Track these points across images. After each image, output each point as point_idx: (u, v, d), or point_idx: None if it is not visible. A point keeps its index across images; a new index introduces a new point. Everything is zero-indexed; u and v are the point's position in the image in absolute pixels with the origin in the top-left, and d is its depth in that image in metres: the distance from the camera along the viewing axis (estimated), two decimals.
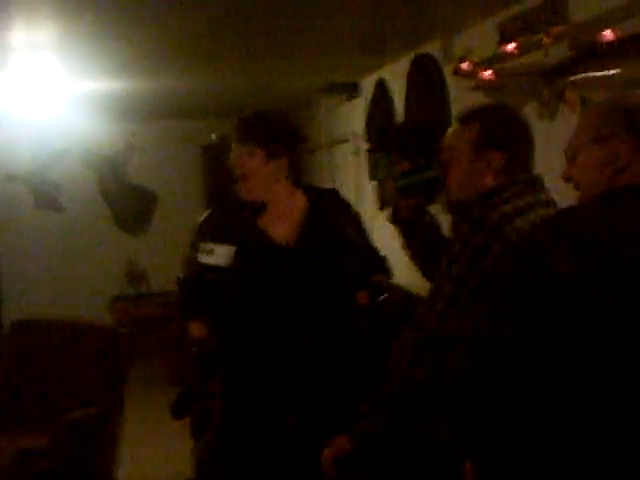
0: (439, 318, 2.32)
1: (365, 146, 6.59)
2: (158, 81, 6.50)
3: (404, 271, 3.33)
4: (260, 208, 3.19)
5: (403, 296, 3.41)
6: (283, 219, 3.18)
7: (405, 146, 5.16)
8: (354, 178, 7.09)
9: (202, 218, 3.30)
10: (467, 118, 2.52)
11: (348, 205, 3.37)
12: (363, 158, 6.73)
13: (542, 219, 2.11)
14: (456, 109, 4.79)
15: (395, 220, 2.91)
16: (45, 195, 9.05)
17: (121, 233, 9.37)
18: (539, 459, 1.72)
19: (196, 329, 3.23)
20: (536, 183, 2.44)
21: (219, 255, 3.12)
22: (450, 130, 2.54)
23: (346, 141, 7.25)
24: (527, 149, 2.48)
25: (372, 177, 6.51)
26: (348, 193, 7.31)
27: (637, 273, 1.67)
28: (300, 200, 3.22)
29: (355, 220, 3.32)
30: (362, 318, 3.22)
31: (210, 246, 3.16)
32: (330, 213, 3.23)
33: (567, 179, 1.99)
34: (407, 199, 2.84)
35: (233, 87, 7.21)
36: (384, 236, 6.27)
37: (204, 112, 8.83)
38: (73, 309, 8.08)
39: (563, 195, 2.22)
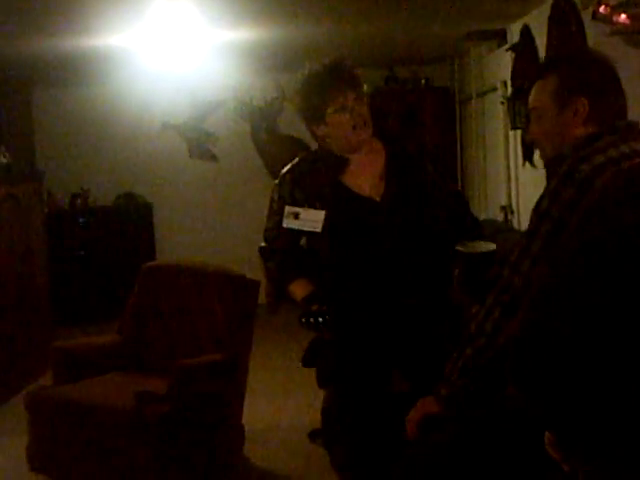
0: (524, 280, 2.17)
1: (507, 94, 6.35)
2: (302, 30, 6.42)
3: None
4: (341, 162, 3.04)
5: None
6: (366, 173, 3.03)
7: None
8: (502, 127, 6.85)
9: (281, 177, 3.09)
10: (544, 70, 2.35)
11: (422, 154, 3.14)
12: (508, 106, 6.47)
13: (618, 170, 1.94)
14: None
15: None
16: (199, 145, 9.21)
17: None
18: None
19: (299, 289, 3.04)
20: (634, 130, 2.23)
21: (307, 220, 2.95)
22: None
23: (495, 89, 7.01)
24: (614, 92, 2.27)
25: (513, 126, 6.26)
26: (496, 142, 7.09)
27: None
28: (379, 150, 3.06)
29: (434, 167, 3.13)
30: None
31: (295, 209, 2.97)
32: (410, 162, 3.06)
33: None
34: None
35: (382, 37, 7.06)
36: (527, 186, 6.07)
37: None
38: (223, 259, 8.17)
39: None
